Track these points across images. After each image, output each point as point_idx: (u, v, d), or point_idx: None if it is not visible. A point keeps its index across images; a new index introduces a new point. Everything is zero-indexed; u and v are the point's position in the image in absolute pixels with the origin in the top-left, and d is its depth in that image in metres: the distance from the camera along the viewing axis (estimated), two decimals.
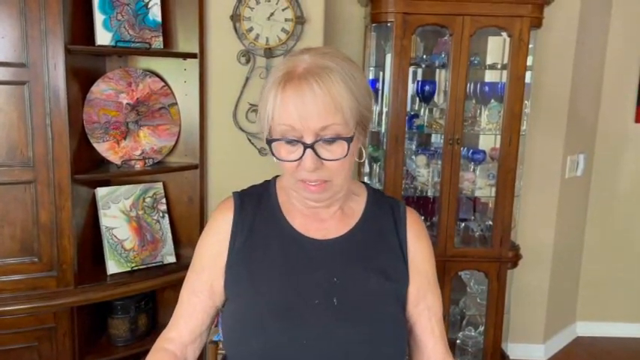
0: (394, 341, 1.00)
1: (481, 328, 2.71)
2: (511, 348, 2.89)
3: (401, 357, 1.03)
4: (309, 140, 0.90)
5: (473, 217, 2.77)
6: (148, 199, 2.21)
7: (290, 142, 0.92)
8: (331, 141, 0.91)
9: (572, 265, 3.11)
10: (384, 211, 1.08)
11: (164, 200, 2.25)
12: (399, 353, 1.02)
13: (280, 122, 0.91)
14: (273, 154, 0.95)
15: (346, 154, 0.92)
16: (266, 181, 1.12)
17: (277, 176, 1.12)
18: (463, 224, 2.71)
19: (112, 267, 2.07)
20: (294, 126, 0.89)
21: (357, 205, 1.08)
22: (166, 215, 2.25)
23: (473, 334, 2.77)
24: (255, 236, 1.03)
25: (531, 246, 2.80)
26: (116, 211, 2.12)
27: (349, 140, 0.92)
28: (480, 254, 2.57)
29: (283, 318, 0.96)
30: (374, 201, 1.09)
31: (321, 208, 1.03)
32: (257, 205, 1.06)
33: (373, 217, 1.07)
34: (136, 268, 2.10)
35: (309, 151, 0.90)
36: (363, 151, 1.00)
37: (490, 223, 2.63)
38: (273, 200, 1.07)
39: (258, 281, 1.00)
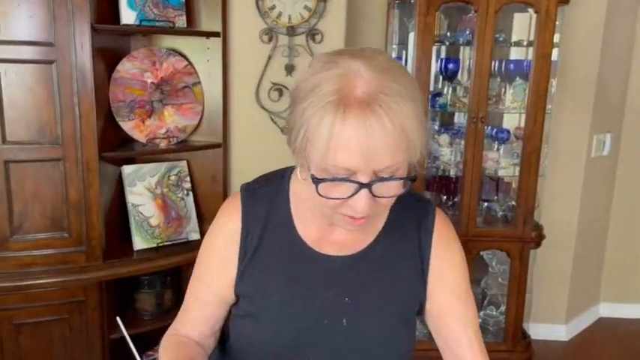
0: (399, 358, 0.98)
1: (502, 308, 2.71)
2: (532, 328, 2.88)
3: None
4: (365, 179, 0.75)
5: (496, 197, 2.75)
6: (172, 177, 2.24)
7: (342, 180, 0.76)
8: (389, 178, 0.78)
9: (596, 246, 3.08)
10: (409, 219, 0.96)
11: (188, 178, 2.28)
12: None
13: (336, 163, 0.74)
14: (317, 192, 0.79)
15: (403, 191, 0.81)
16: (279, 177, 0.97)
17: (291, 171, 0.97)
18: (486, 204, 2.70)
19: (138, 243, 2.11)
20: (353, 168, 0.74)
21: (381, 216, 0.95)
22: (190, 193, 2.28)
23: (494, 313, 2.78)
24: (264, 248, 0.94)
25: (555, 226, 2.77)
26: (142, 188, 2.16)
27: (412, 179, 0.80)
28: (503, 234, 2.56)
29: (291, 339, 0.93)
30: (400, 207, 0.92)
31: None
32: (268, 209, 0.95)
33: (396, 228, 0.95)
34: (161, 244, 2.15)
35: (364, 191, 0.77)
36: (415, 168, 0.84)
37: (513, 203, 2.62)
38: (285, 207, 0.95)
39: (266, 301, 0.94)
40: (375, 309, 0.94)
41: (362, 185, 0.76)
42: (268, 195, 0.96)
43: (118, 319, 0.88)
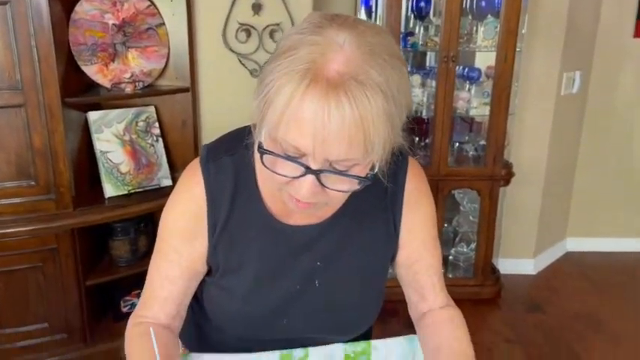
0: (371, 314, 1.01)
1: (473, 245, 2.79)
2: (501, 263, 2.98)
3: (372, 320, 1.04)
4: (314, 165, 0.70)
5: (467, 137, 2.78)
6: (140, 123, 2.20)
7: (289, 158, 0.72)
8: (343, 172, 0.72)
9: (564, 182, 3.15)
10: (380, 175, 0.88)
11: (157, 124, 2.24)
12: (372, 319, 1.04)
13: (286, 139, 0.69)
14: (262, 162, 0.75)
15: (357, 188, 0.76)
16: (241, 146, 0.87)
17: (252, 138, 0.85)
18: (457, 144, 2.72)
19: (109, 190, 2.10)
20: (302, 149, 0.69)
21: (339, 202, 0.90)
22: (160, 139, 2.25)
23: (465, 250, 2.86)
24: (234, 224, 0.91)
25: (525, 163, 2.83)
26: (109, 135, 2.12)
27: (364, 181, 0.74)
28: (473, 173, 2.60)
29: (265, 306, 0.94)
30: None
31: None
32: (234, 184, 0.89)
33: (367, 186, 0.84)
34: (132, 191, 2.13)
35: (310, 176, 0.71)
36: (376, 165, 0.77)
37: (484, 142, 2.65)
38: (252, 182, 0.90)
39: (238, 277, 0.93)
40: (346, 269, 0.95)
41: (308, 170, 0.71)
42: (232, 167, 0.90)
43: (151, 329, 0.85)
